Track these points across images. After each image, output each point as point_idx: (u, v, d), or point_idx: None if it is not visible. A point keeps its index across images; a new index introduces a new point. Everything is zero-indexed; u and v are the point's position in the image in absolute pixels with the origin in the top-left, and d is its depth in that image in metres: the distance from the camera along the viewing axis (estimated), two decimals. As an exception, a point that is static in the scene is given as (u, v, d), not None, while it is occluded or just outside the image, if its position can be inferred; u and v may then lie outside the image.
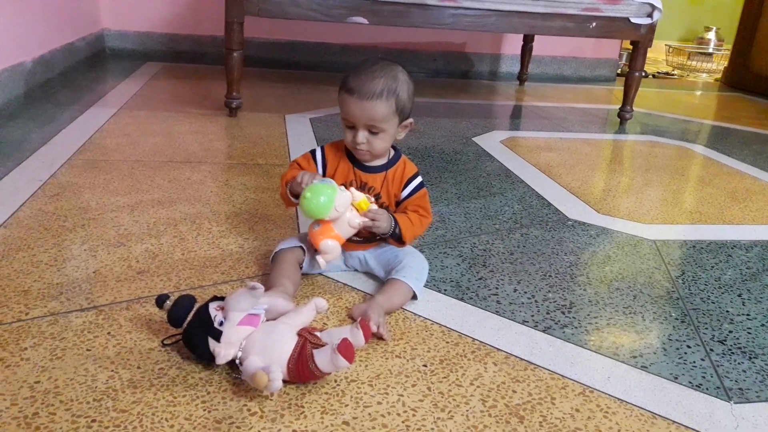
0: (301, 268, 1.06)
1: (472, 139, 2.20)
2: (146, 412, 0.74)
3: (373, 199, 1.04)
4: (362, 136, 1.01)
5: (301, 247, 1.07)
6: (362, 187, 1.07)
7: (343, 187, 0.98)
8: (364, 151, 1.03)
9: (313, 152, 1.10)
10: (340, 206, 0.95)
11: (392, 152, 1.10)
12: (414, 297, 1.04)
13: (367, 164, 1.07)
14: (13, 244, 1.14)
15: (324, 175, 1.08)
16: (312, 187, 0.95)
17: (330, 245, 0.97)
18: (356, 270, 1.13)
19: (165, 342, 0.87)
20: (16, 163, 1.55)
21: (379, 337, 0.92)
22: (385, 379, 0.84)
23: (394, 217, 1.04)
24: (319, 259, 0.98)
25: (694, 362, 0.95)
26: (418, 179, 1.09)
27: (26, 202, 1.33)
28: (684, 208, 1.67)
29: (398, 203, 1.09)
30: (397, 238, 1.05)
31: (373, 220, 1.00)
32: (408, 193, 1.08)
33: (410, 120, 1.06)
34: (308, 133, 2.08)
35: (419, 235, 1.11)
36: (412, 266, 1.05)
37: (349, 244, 1.09)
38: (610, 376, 0.90)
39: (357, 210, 0.99)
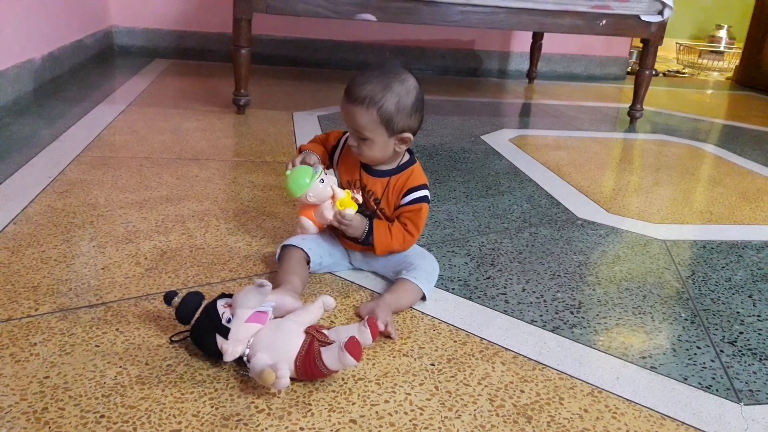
0: (308, 266, 1.06)
1: (481, 137, 2.19)
2: (154, 408, 0.74)
3: (360, 199, 1.03)
4: (352, 139, 1.02)
5: (302, 248, 1.06)
6: (362, 190, 1.06)
7: (330, 175, 1.03)
8: (357, 154, 1.03)
9: (345, 133, 1.10)
10: (312, 196, 1.00)
11: (406, 157, 1.07)
12: (423, 298, 1.03)
13: (372, 167, 1.06)
14: (22, 240, 1.14)
15: (336, 159, 1.10)
16: (298, 168, 1.02)
17: (303, 222, 1.04)
18: (362, 269, 1.13)
19: (173, 339, 0.87)
20: (25, 159, 1.55)
21: (387, 336, 0.92)
22: (393, 378, 0.84)
23: (372, 225, 1.03)
24: (298, 229, 1.07)
25: (704, 363, 0.94)
26: (421, 192, 1.04)
27: (35, 198, 1.33)
28: (694, 207, 1.65)
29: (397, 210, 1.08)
30: (369, 245, 1.05)
31: (340, 224, 1.01)
32: (405, 202, 1.04)
33: (408, 135, 1.00)
34: (316, 130, 2.08)
35: (396, 251, 1.06)
36: (423, 268, 1.04)
37: (354, 245, 1.09)
38: (619, 376, 0.89)
39: (338, 205, 1.01)
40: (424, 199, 1.05)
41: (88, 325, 0.90)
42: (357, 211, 1.02)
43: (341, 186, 1.07)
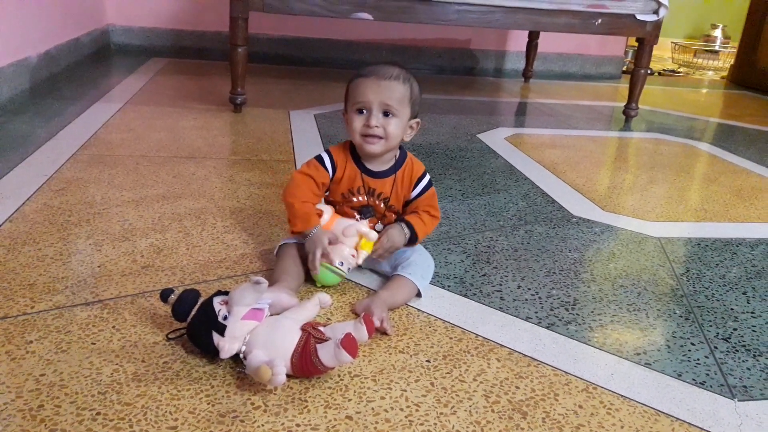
0: (304, 264, 1.06)
1: (477, 135, 2.20)
2: (150, 406, 0.74)
3: (375, 236, 1.05)
4: (377, 118, 1.00)
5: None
6: (370, 193, 1.07)
7: (346, 248, 1.03)
8: (377, 138, 1.00)
9: (320, 159, 1.05)
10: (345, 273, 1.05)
11: (398, 153, 1.09)
12: (418, 295, 1.04)
13: (374, 169, 1.06)
14: (18, 238, 1.14)
15: (332, 179, 1.06)
16: (322, 277, 1.03)
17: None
18: (360, 266, 1.13)
19: (169, 336, 0.87)
20: (21, 157, 1.55)
21: (383, 332, 0.92)
22: (389, 375, 0.84)
23: (409, 223, 1.06)
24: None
25: (698, 360, 0.95)
26: (427, 177, 1.10)
27: (32, 196, 1.33)
28: (689, 205, 1.66)
29: (407, 203, 1.10)
30: (412, 242, 1.08)
31: (384, 252, 1.06)
32: (417, 193, 1.09)
33: (417, 120, 1.06)
34: (312, 129, 2.08)
35: (428, 234, 1.13)
36: (419, 264, 1.05)
37: None
38: (613, 372, 0.89)
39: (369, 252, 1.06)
40: (431, 182, 1.10)
41: (85, 323, 0.90)
42: (370, 217, 1.08)
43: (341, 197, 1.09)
